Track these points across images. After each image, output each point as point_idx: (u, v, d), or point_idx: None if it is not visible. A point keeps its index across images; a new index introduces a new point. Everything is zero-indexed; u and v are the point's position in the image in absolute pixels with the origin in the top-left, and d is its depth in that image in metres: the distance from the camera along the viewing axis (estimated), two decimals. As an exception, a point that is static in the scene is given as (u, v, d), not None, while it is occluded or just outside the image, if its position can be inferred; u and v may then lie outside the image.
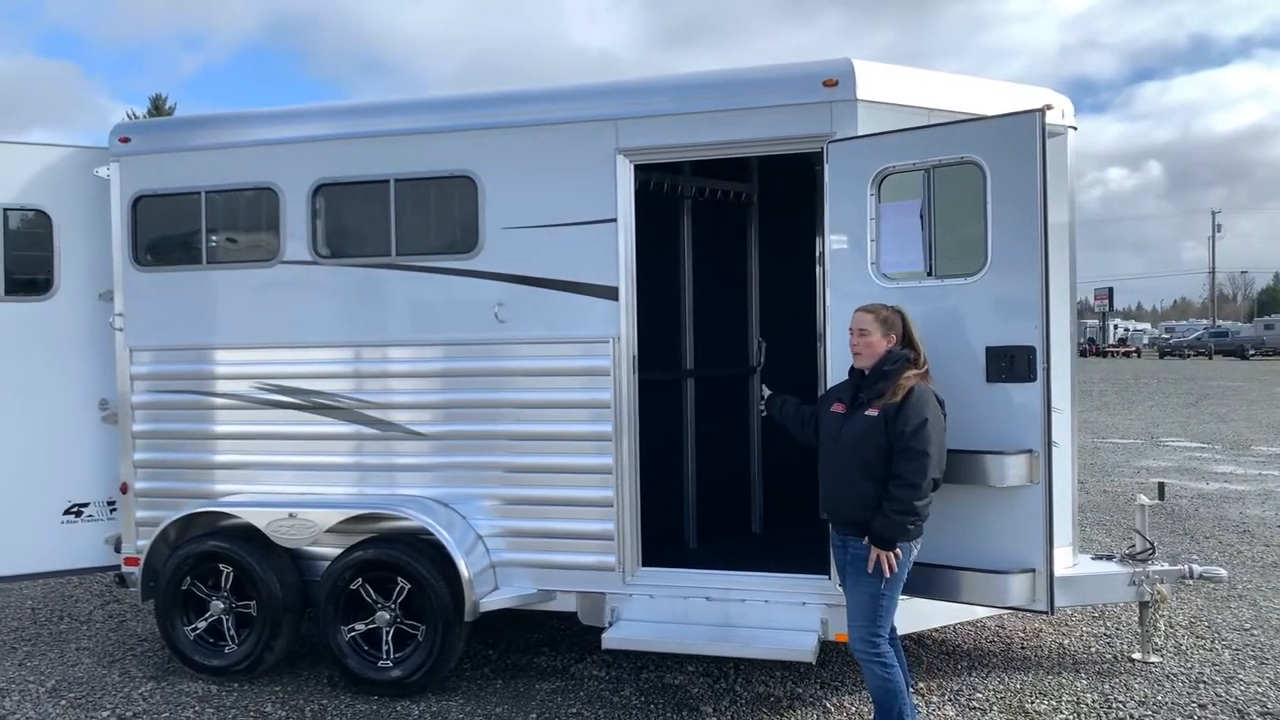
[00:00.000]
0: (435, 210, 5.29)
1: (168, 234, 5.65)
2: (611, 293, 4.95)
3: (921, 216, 4.42)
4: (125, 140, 5.60)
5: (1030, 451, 4.13)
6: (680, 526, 6.02)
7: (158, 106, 53.39)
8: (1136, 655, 5.44)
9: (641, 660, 5.38)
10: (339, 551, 5.13)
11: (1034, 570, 4.14)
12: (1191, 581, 5.37)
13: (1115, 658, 5.48)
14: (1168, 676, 5.17)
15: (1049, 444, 4.12)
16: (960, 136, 4.27)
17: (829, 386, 4.42)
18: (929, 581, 4.32)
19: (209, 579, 5.31)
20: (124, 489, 5.65)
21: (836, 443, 4.06)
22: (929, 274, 4.42)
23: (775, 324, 6.58)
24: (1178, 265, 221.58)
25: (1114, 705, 4.79)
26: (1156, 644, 5.47)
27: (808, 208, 6.93)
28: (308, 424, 5.36)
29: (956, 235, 4.38)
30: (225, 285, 5.48)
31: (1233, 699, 4.85)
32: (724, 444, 6.31)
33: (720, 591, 4.90)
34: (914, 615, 4.89)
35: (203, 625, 5.31)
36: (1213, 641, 5.71)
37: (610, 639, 4.82)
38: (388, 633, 5.04)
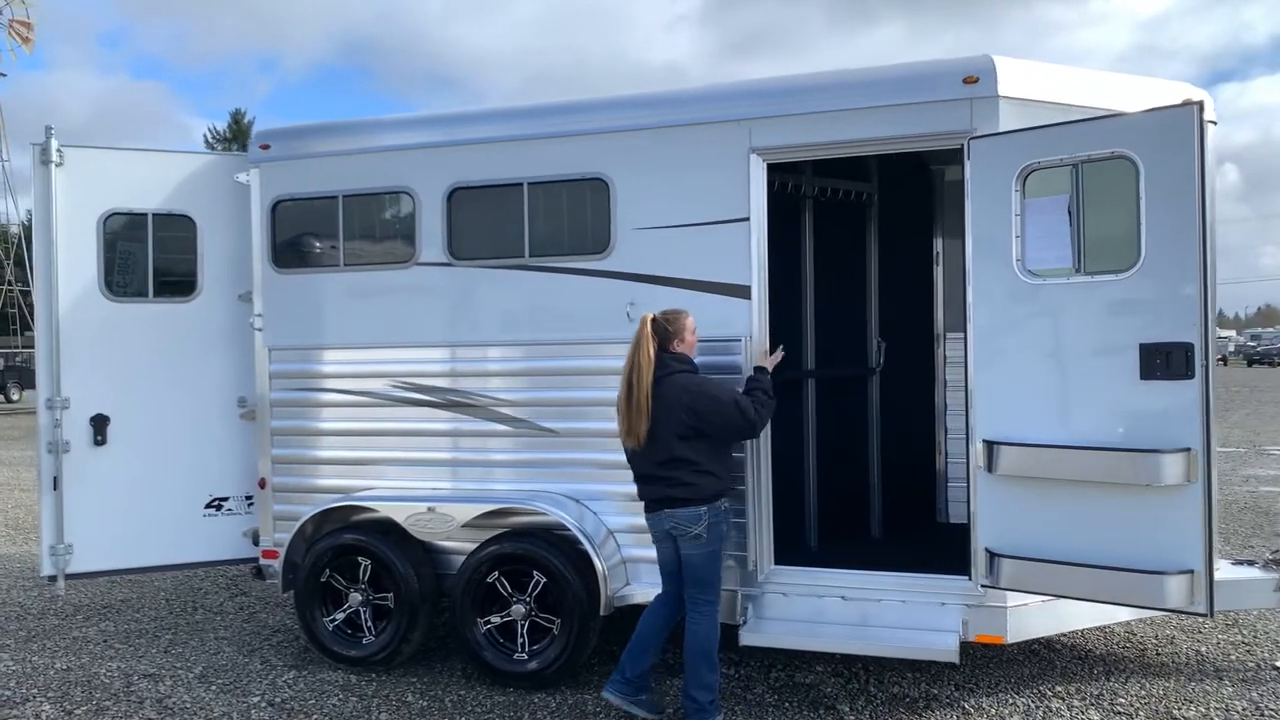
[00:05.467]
0: (567, 212, 5.37)
1: (305, 237, 5.83)
2: (744, 291, 4.98)
3: (1070, 212, 4.36)
4: (265, 147, 5.80)
5: (1188, 450, 4.04)
6: (801, 528, 6.01)
7: (237, 121, 55.06)
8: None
9: (768, 658, 5.39)
10: (471, 546, 5.24)
11: (1193, 571, 4.05)
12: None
13: (1258, 665, 5.33)
14: (1319, 686, 5.01)
15: (1209, 442, 4.03)
16: (1112, 131, 4.21)
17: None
18: (1081, 582, 4.26)
19: (347, 571, 5.46)
20: (262, 484, 5.84)
21: None
22: (1077, 270, 4.36)
23: (893, 325, 6.54)
24: (1257, 271, 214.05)
25: (1266, 714, 4.66)
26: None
27: (924, 208, 6.90)
28: (441, 421, 5.49)
29: (1106, 231, 4.32)
30: (362, 286, 5.64)
31: (1394, 710, 4.69)
32: (843, 446, 6.28)
33: (856, 591, 4.89)
34: (1054, 617, 4.85)
35: (341, 617, 5.46)
36: (1360, 651, 5.52)
37: (748, 637, 4.84)
38: (523, 626, 5.13)
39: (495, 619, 5.17)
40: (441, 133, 5.51)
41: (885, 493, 6.50)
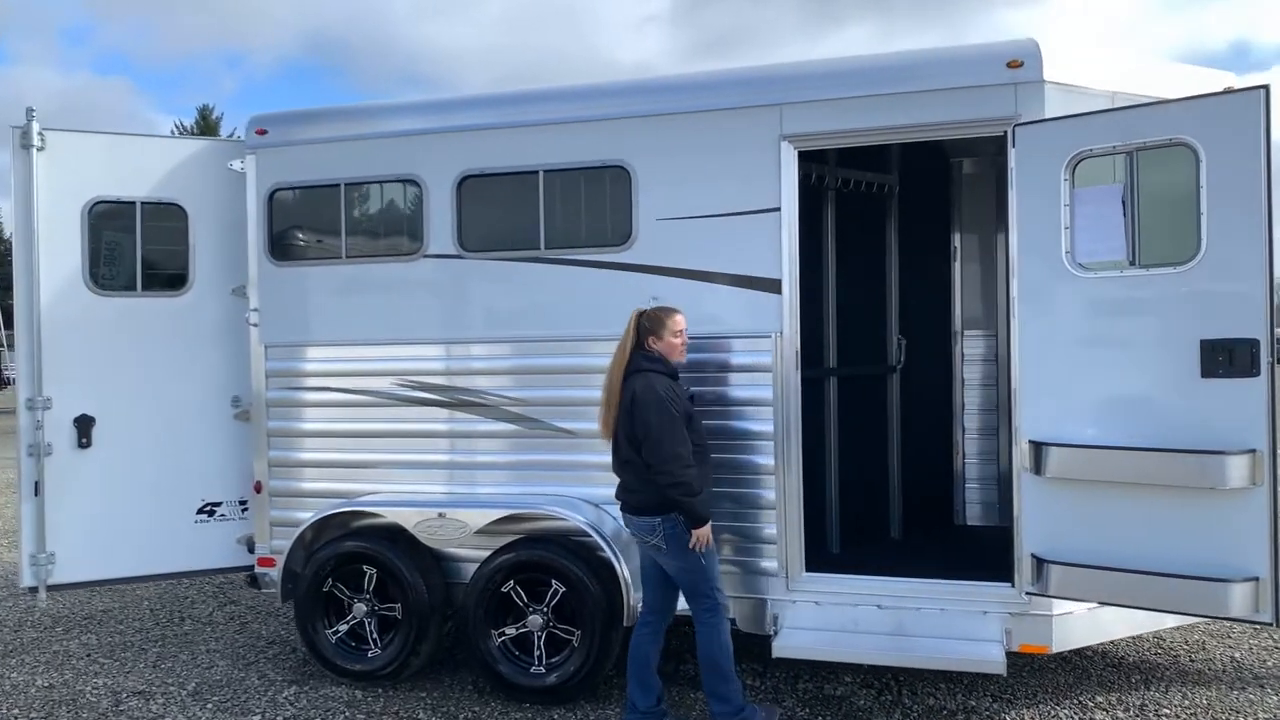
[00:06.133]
0: (586, 201, 5.11)
1: (305, 227, 5.53)
2: (774, 285, 4.75)
3: (1123, 202, 4.16)
4: (262, 132, 5.49)
5: (1254, 451, 3.85)
6: (823, 531, 5.79)
7: (205, 116, 54.10)
8: (1322, 670, 5.13)
9: (794, 669, 5.16)
10: (484, 553, 4.97)
11: (1258, 579, 3.86)
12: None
13: (1300, 672, 5.18)
14: (1362, 693, 4.86)
15: (1275, 443, 3.85)
16: (1171, 117, 4.02)
17: (676, 389, 4.33)
18: (1137, 589, 4.06)
19: (351, 581, 5.17)
20: (258, 488, 5.53)
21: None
22: (1131, 263, 4.16)
23: (912, 321, 6.34)
24: None
25: (1316, 723, 4.50)
26: (1350, 658, 5.16)
27: (941, 202, 6.71)
28: (450, 421, 5.21)
29: (1163, 222, 4.12)
30: (365, 279, 5.35)
31: None
32: (864, 445, 6.07)
33: (892, 599, 4.67)
34: (1096, 625, 4.65)
35: (344, 628, 5.17)
36: (1397, 656, 5.38)
37: (781, 647, 4.60)
38: (540, 637, 4.86)
39: (510, 630, 4.90)
40: (452, 118, 5.23)
41: (905, 494, 6.30)
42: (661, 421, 4.13)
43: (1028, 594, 4.43)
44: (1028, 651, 4.54)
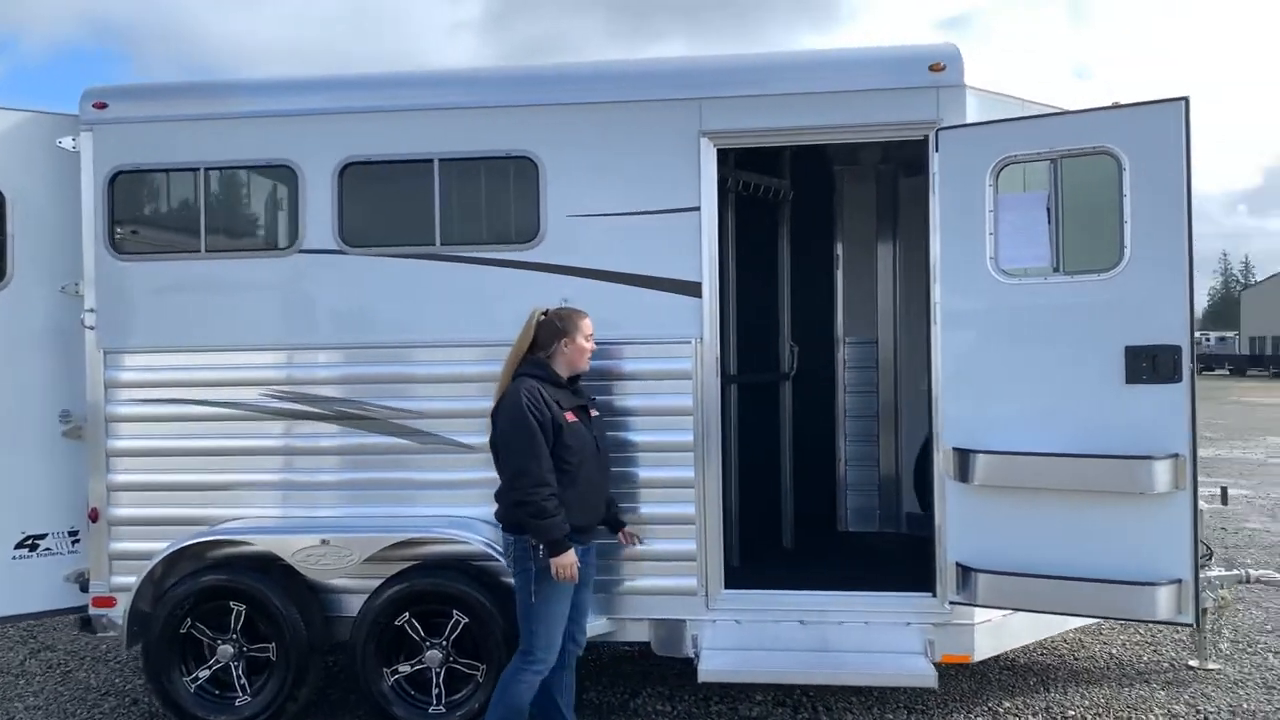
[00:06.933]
0: (487, 194, 4.71)
1: (155, 217, 4.84)
2: (693, 289, 4.51)
3: (1048, 209, 4.18)
4: (101, 106, 4.76)
5: (1177, 456, 3.93)
6: (725, 544, 5.58)
7: (-30, 99, 48.92)
8: (1193, 663, 5.37)
9: (706, 691, 4.92)
10: (372, 582, 4.47)
11: (1181, 581, 3.94)
12: (1247, 586, 5.36)
13: (1172, 666, 5.40)
14: (1236, 684, 5.11)
15: (1194, 448, 3.94)
16: (1096, 125, 4.06)
17: (546, 397, 3.83)
18: (1066, 596, 4.06)
19: (214, 619, 4.53)
20: (94, 516, 4.77)
21: (600, 452, 3.99)
22: (1055, 269, 4.18)
23: (802, 328, 6.28)
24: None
25: (1207, 716, 4.67)
26: (1221, 650, 5.42)
27: (827, 209, 6.69)
28: (332, 436, 4.67)
29: (1087, 229, 4.17)
30: (230, 277, 4.72)
31: (1315, 704, 4.82)
32: (761, 454, 5.93)
33: (816, 614, 4.52)
34: (1011, 632, 4.67)
35: (205, 674, 4.52)
36: (1250, 646, 5.72)
37: (707, 672, 4.35)
38: (439, 674, 4.41)
39: (405, 668, 4.42)
40: (334, 98, 4.69)
41: (796, 503, 6.21)
42: (515, 431, 3.75)
43: (951, 603, 4.38)
44: (950, 662, 4.49)
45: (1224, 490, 5.63)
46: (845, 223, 6.73)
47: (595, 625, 4.51)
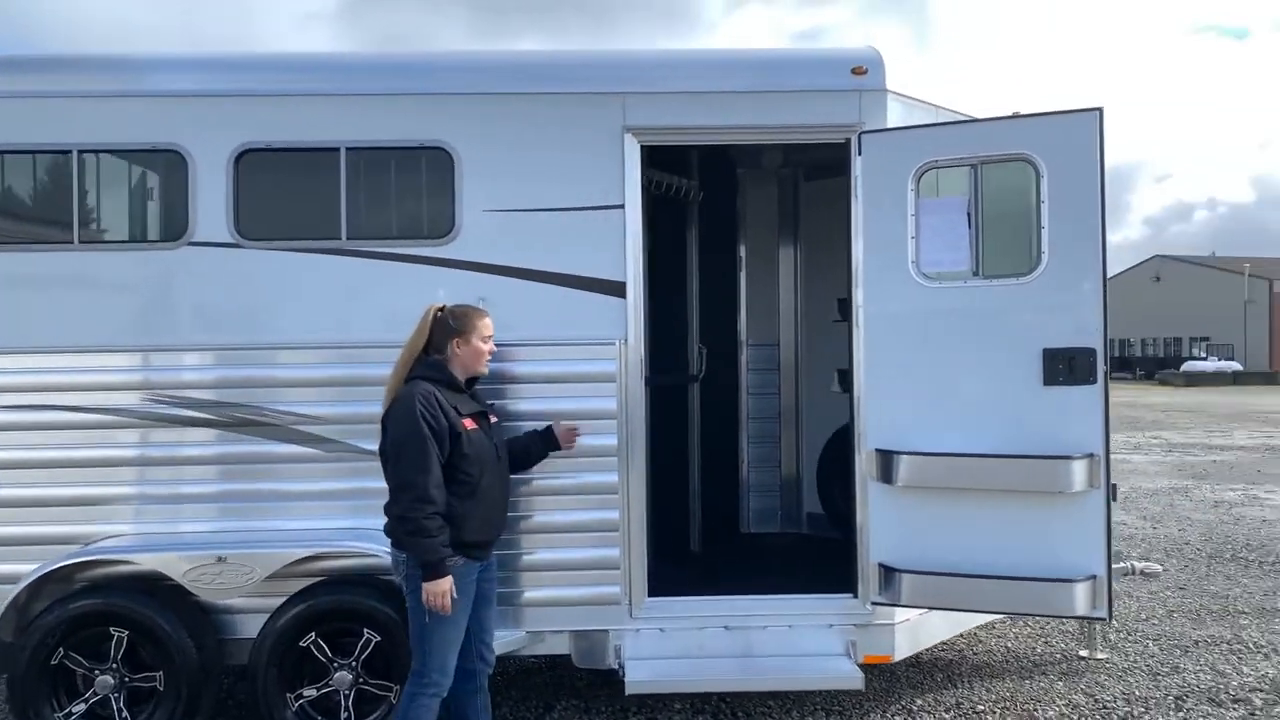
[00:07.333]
0: (398, 186, 4.45)
1: (18, 203, 4.37)
2: (618, 289, 4.39)
3: (968, 214, 4.25)
4: (-45, 78, 4.26)
5: (1092, 455, 4.05)
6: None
7: None
8: (1084, 653, 5.59)
9: (622, 701, 4.79)
10: (274, 600, 4.16)
11: (1096, 577, 4.06)
12: (1133, 577, 5.61)
13: (1064, 656, 5.61)
14: (1125, 671, 5.34)
15: (1108, 448, 4.07)
16: (1015, 132, 4.15)
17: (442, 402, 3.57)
18: (989, 594, 4.14)
19: (90, 648, 4.11)
20: (-55, 537, 4.26)
21: (500, 461, 3.77)
22: (975, 274, 4.25)
23: (709, 330, 6.25)
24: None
25: (1105, 705, 4.85)
26: (1109, 640, 5.66)
27: (731, 211, 6.68)
28: (223, 444, 4.32)
29: (1005, 234, 4.26)
30: (107, 270, 4.31)
31: (1199, 687, 5.08)
32: (671, 457, 5.85)
33: (740, 619, 4.46)
34: (926, 630, 4.74)
35: (81, 708, 4.10)
36: (1131, 634, 6.00)
37: (635, 683, 4.22)
38: (348, 697, 4.13)
39: (311, 691, 4.12)
40: (230, 79, 4.35)
41: (704, 506, 6.17)
42: (405, 440, 3.48)
43: (874, 604, 4.40)
44: (871, 662, 4.51)
45: (1114, 487, 5.87)
46: (748, 225, 6.74)
47: (512, 639, 4.34)
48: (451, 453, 3.55)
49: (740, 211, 6.72)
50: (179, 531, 4.26)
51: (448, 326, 3.75)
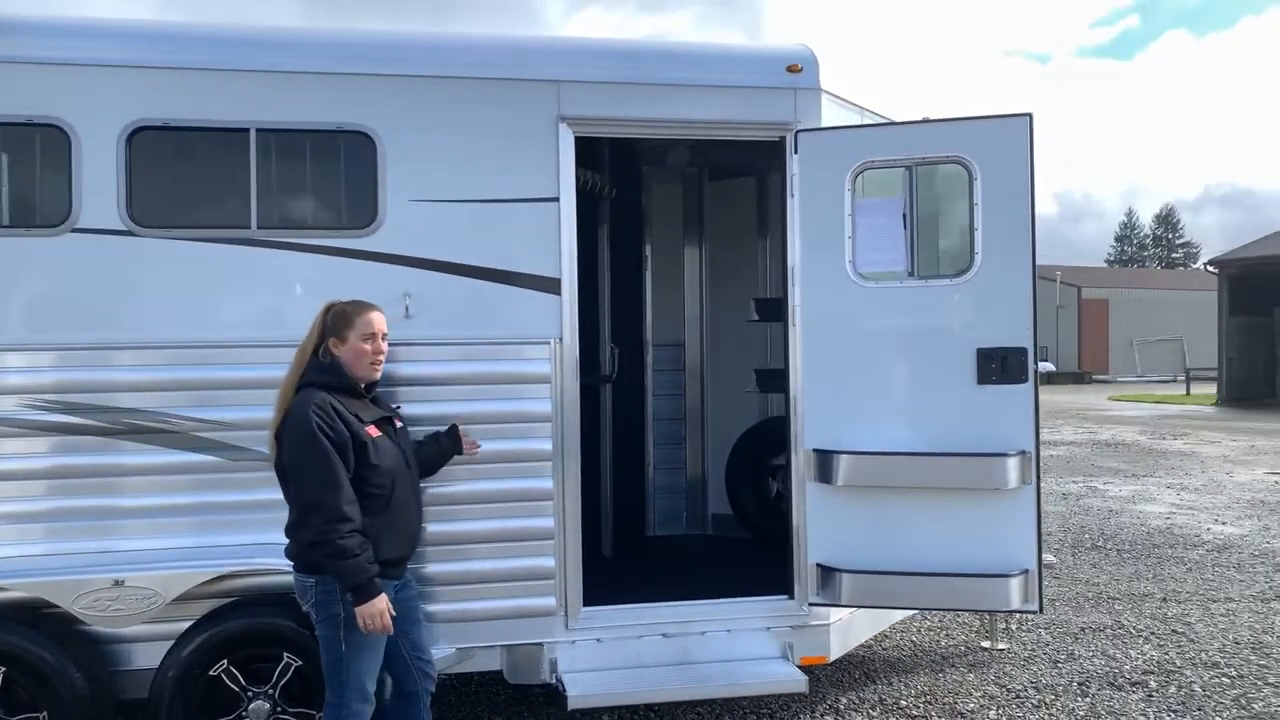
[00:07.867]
0: (315, 172, 4.11)
1: None
2: (552, 285, 4.21)
3: (903, 215, 4.29)
4: None
5: (1024, 452, 4.15)
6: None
7: None
8: (985, 644, 5.78)
9: (548, 713, 4.62)
10: (177, 626, 3.77)
11: (1028, 571, 4.17)
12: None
13: (968, 649, 5.77)
14: (1027, 660, 5.53)
15: (1038, 445, 4.18)
16: (949, 134, 4.22)
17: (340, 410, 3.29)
18: (928, 592, 4.18)
19: (-45, 689, 3.61)
20: None
21: (410, 468, 3.53)
22: (910, 274, 4.29)
23: (619, 330, 6.12)
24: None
25: (1017, 694, 5.01)
26: (1011, 630, 5.87)
27: (637, 209, 6.58)
28: (115, 453, 3.87)
29: (939, 234, 4.32)
30: (-24, 258, 3.79)
31: (1096, 672, 5.32)
32: (584, 460, 5.68)
33: (678, 626, 4.35)
34: (856, 628, 4.77)
35: (-54, 759, 3.59)
36: (1023, 624, 6.24)
37: (577, 698, 4.04)
38: (264, 729, 3.78)
39: (222, 726, 3.75)
40: (123, 48, 3.91)
41: (614, 509, 6.04)
42: (303, 457, 3.19)
43: (811, 605, 4.38)
44: (808, 664, 4.49)
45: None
46: (654, 224, 6.65)
47: (440, 658, 4.06)
48: (358, 464, 3.26)
49: (646, 210, 6.62)
50: (66, 553, 3.78)
51: (324, 325, 3.43)
